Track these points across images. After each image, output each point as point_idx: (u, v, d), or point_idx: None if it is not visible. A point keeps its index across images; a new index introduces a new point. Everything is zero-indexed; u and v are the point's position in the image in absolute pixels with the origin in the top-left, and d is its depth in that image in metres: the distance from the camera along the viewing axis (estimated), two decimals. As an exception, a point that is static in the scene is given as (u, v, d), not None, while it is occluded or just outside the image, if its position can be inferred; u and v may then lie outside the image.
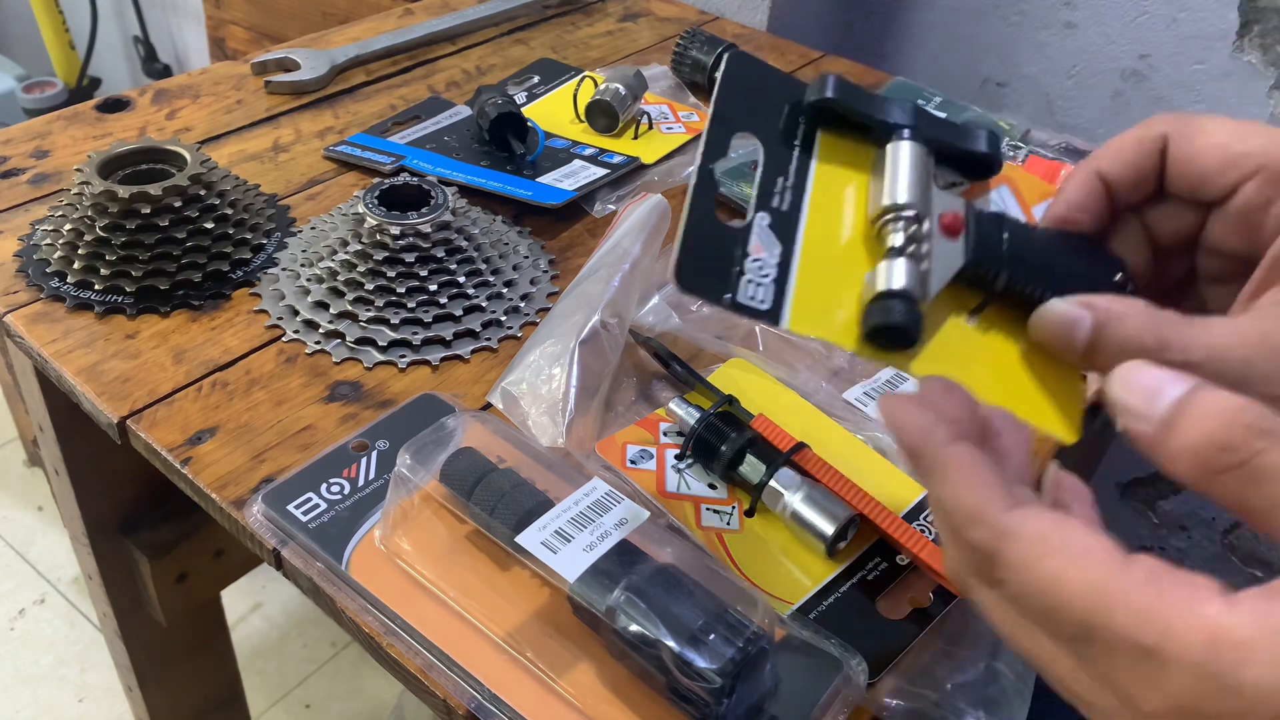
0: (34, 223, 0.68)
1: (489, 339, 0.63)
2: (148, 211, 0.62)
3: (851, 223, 0.36)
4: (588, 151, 0.80)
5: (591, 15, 1.05)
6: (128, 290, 0.63)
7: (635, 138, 0.83)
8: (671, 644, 0.42)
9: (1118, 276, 0.36)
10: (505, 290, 0.65)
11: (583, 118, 0.84)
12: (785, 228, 0.35)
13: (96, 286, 0.63)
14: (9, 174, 0.74)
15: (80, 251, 0.63)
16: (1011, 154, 0.74)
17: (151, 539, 0.81)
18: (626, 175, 0.78)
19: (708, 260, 0.33)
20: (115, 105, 0.83)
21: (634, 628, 0.43)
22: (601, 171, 0.77)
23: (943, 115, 0.38)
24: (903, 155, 0.35)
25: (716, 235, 0.34)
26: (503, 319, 0.64)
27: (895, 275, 0.33)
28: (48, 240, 0.65)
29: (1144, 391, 0.27)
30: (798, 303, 0.34)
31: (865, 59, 1.00)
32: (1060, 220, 0.36)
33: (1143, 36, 0.95)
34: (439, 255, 0.63)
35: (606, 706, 0.43)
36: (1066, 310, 0.32)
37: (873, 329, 0.33)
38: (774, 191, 0.36)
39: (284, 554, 0.49)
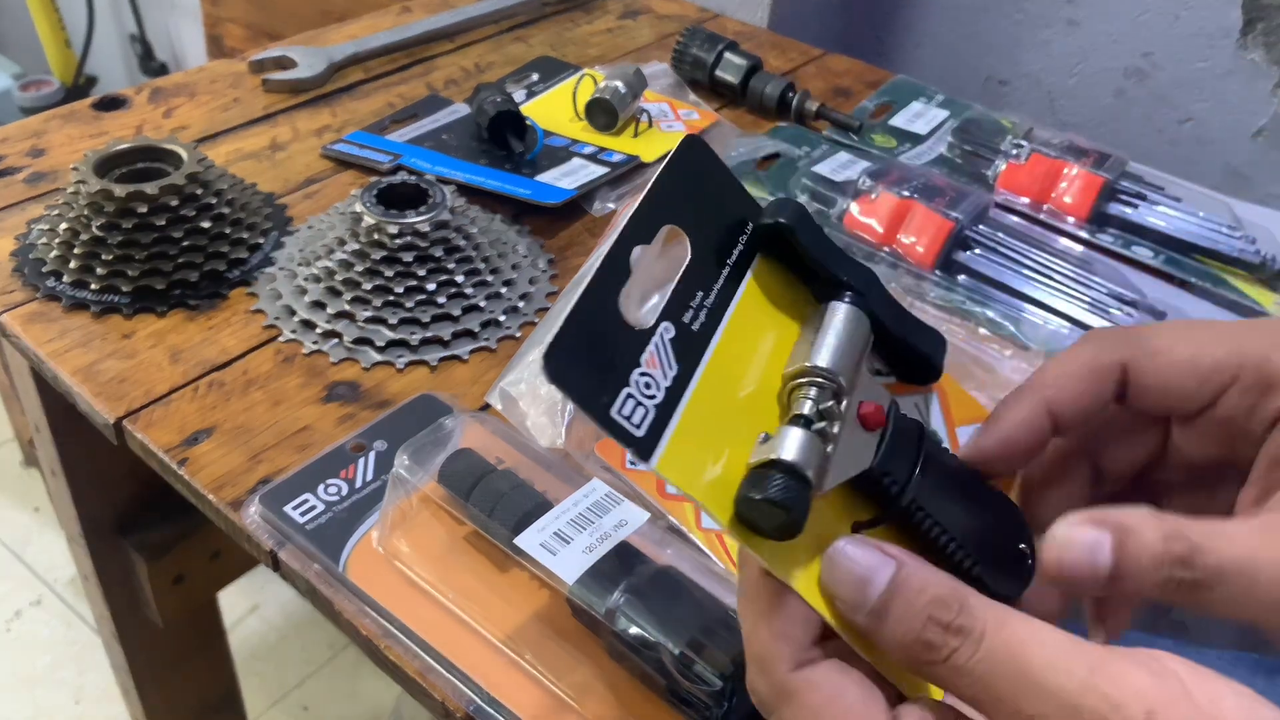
0: (30, 222, 0.68)
1: (487, 339, 0.62)
2: (144, 210, 0.62)
3: (761, 372, 0.31)
4: (587, 150, 0.80)
5: (591, 12, 1.05)
6: (124, 290, 0.62)
7: (635, 136, 0.82)
8: (671, 646, 0.42)
9: (1022, 545, 0.31)
10: (504, 290, 0.65)
11: (582, 116, 0.84)
12: (689, 350, 0.29)
13: (93, 286, 0.62)
14: (5, 173, 0.73)
15: (76, 251, 0.63)
16: (1014, 152, 0.74)
17: (148, 540, 0.81)
18: (626, 174, 0.78)
19: (591, 355, 0.27)
20: (112, 103, 0.83)
21: (634, 630, 0.43)
22: (601, 170, 0.77)
23: (895, 302, 0.33)
24: (842, 319, 0.31)
25: (611, 330, 0.28)
26: (501, 319, 0.63)
27: (795, 447, 0.28)
28: (44, 239, 0.65)
29: (854, 581, 0.26)
30: (675, 443, 0.28)
31: (866, 56, 1.00)
32: (990, 456, 0.32)
33: (1145, 34, 0.95)
34: (437, 254, 0.62)
35: (606, 709, 0.43)
36: (1084, 535, 0.26)
37: (749, 501, 0.27)
38: (689, 304, 0.30)
39: (281, 555, 0.49)
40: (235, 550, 0.86)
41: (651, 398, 0.28)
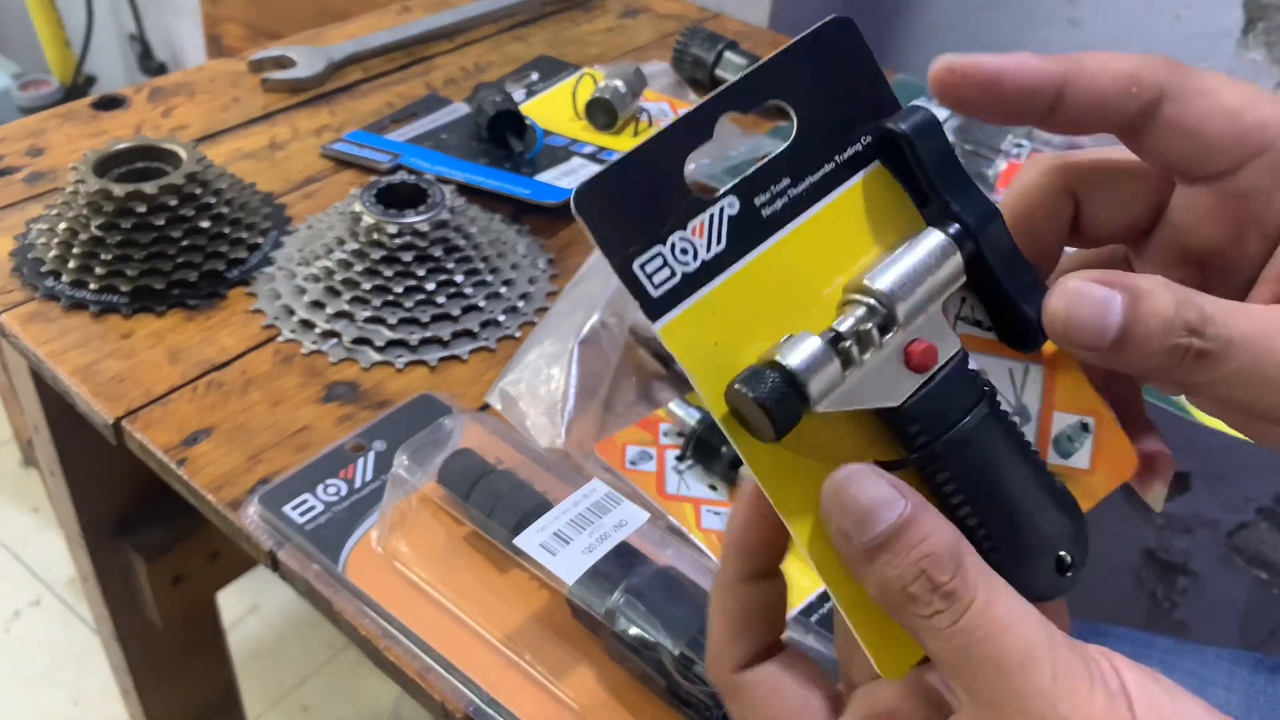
0: (29, 221, 0.68)
1: (487, 339, 0.62)
2: (143, 210, 0.62)
3: (822, 275, 0.28)
4: (587, 149, 0.80)
5: (591, 12, 1.05)
6: (123, 290, 0.62)
7: (635, 135, 0.82)
8: (671, 646, 0.42)
9: (1064, 554, 0.28)
10: (503, 290, 0.64)
11: (582, 115, 0.83)
12: (748, 233, 0.27)
13: (92, 286, 0.62)
14: (4, 172, 0.73)
15: (75, 250, 0.62)
16: (1015, 151, 0.74)
17: (147, 540, 0.81)
18: (626, 173, 0.78)
19: (632, 202, 0.26)
20: (111, 103, 0.82)
21: (633, 630, 0.43)
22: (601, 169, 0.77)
23: (1017, 253, 0.29)
24: (925, 248, 0.28)
25: (665, 185, 0.27)
26: (501, 319, 0.63)
27: (801, 353, 0.26)
28: (43, 239, 0.65)
29: (858, 511, 0.25)
30: (691, 315, 0.27)
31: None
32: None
33: (1146, 34, 0.95)
34: (436, 254, 0.62)
35: (605, 710, 0.43)
36: (1096, 290, 0.25)
37: (733, 392, 0.26)
38: (769, 187, 0.28)
39: (280, 556, 0.49)
40: (234, 551, 0.86)
41: (684, 265, 0.27)
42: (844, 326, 0.27)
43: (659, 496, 0.53)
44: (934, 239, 0.28)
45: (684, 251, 0.27)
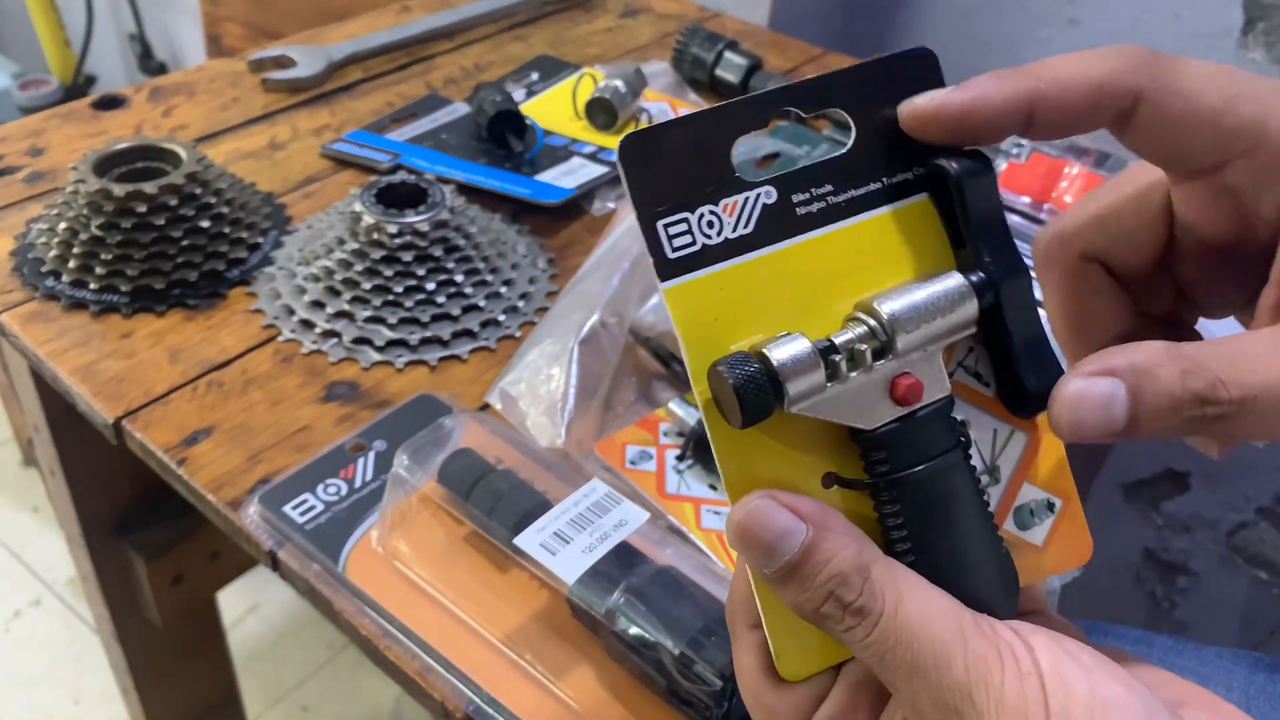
0: (29, 221, 0.68)
1: (487, 339, 0.62)
2: (143, 210, 0.62)
3: (838, 287, 0.28)
4: (587, 149, 0.80)
5: (591, 11, 1.05)
6: (123, 289, 0.62)
7: (635, 135, 0.82)
8: (671, 646, 0.42)
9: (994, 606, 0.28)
10: (503, 289, 0.64)
11: (582, 115, 0.83)
12: (777, 226, 0.28)
13: (92, 286, 0.62)
14: (4, 172, 0.73)
15: (75, 250, 0.62)
16: (1015, 151, 0.73)
17: (147, 540, 0.80)
18: (626, 173, 0.78)
19: (675, 162, 0.26)
20: (111, 103, 0.82)
21: (633, 630, 0.43)
22: (601, 169, 0.77)
23: (1036, 319, 0.28)
24: (943, 288, 0.27)
25: (711, 155, 0.27)
26: (501, 318, 0.63)
27: (789, 351, 0.26)
28: (43, 239, 0.65)
29: (764, 543, 0.26)
30: (700, 285, 0.27)
31: (866, 55, 1.00)
32: (941, 109, 0.28)
33: (1146, 33, 0.95)
34: (436, 254, 0.62)
35: (605, 709, 0.43)
36: (1095, 390, 0.25)
37: (713, 370, 0.26)
38: (809, 189, 0.28)
39: (280, 555, 0.49)
40: (234, 550, 0.86)
41: (707, 237, 0.27)
42: (839, 339, 0.27)
43: (659, 496, 0.53)
44: (954, 281, 0.27)
45: (710, 225, 0.27)
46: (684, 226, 0.27)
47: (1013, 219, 0.72)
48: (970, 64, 1.08)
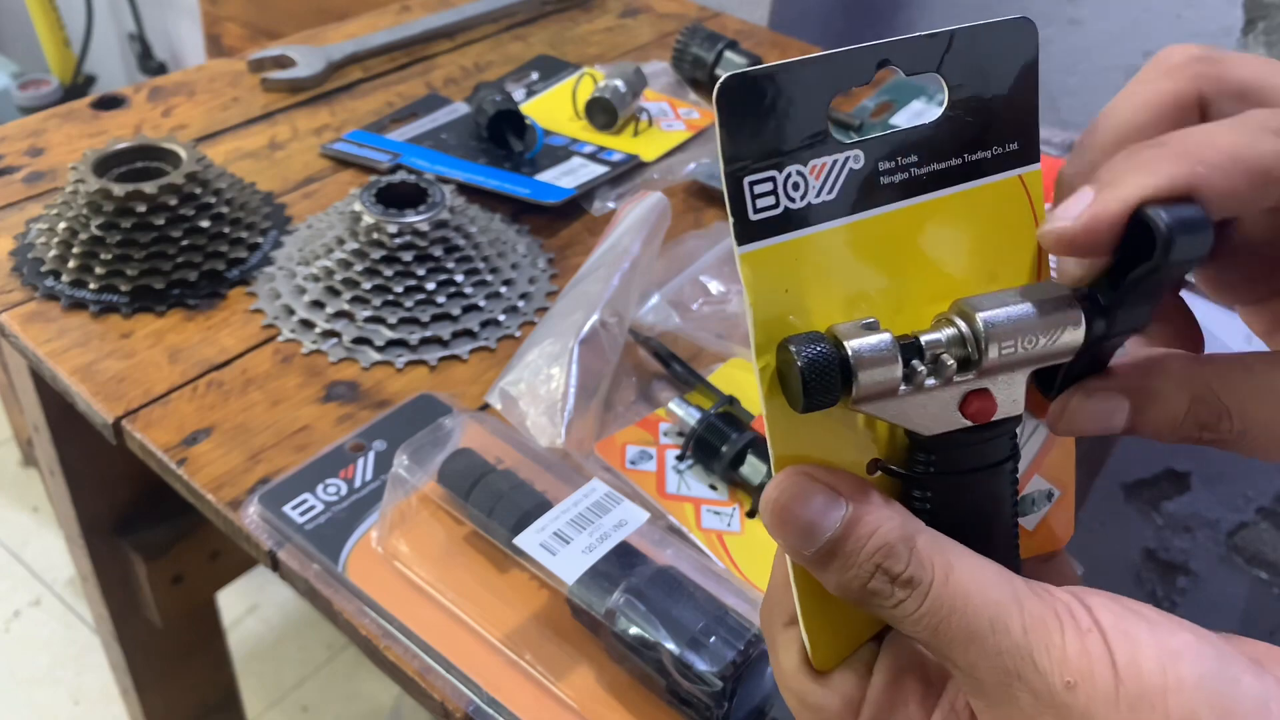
0: (29, 221, 0.68)
1: (487, 338, 0.62)
2: (143, 210, 0.62)
3: (915, 266, 0.27)
4: (587, 149, 0.80)
5: (591, 11, 1.05)
6: (123, 289, 0.62)
7: (635, 135, 0.82)
8: (671, 647, 0.42)
9: None
10: (503, 289, 0.64)
11: (582, 115, 0.83)
12: (863, 194, 0.26)
13: (91, 285, 0.62)
14: (3, 172, 0.73)
15: (75, 250, 0.62)
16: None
17: (147, 540, 0.80)
18: (626, 173, 0.78)
19: (772, 111, 0.25)
20: (110, 103, 0.82)
21: (633, 630, 0.43)
22: (601, 169, 0.77)
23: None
24: (1058, 314, 0.25)
25: (808, 106, 0.25)
26: (501, 318, 0.63)
27: (867, 348, 0.24)
28: (42, 239, 0.65)
29: (801, 523, 0.25)
30: (777, 252, 0.25)
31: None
32: (1072, 239, 0.24)
33: (1147, 33, 0.95)
34: (436, 254, 0.62)
35: (605, 710, 0.43)
36: (1098, 406, 0.25)
37: (784, 349, 0.25)
38: (896, 157, 0.26)
39: (280, 555, 0.49)
40: (234, 550, 0.86)
41: (790, 200, 0.25)
42: (926, 339, 0.25)
43: (659, 496, 0.53)
44: (1064, 299, 0.25)
45: (795, 187, 0.25)
46: (769, 186, 0.25)
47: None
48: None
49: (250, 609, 1.38)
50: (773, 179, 0.25)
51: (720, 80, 0.24)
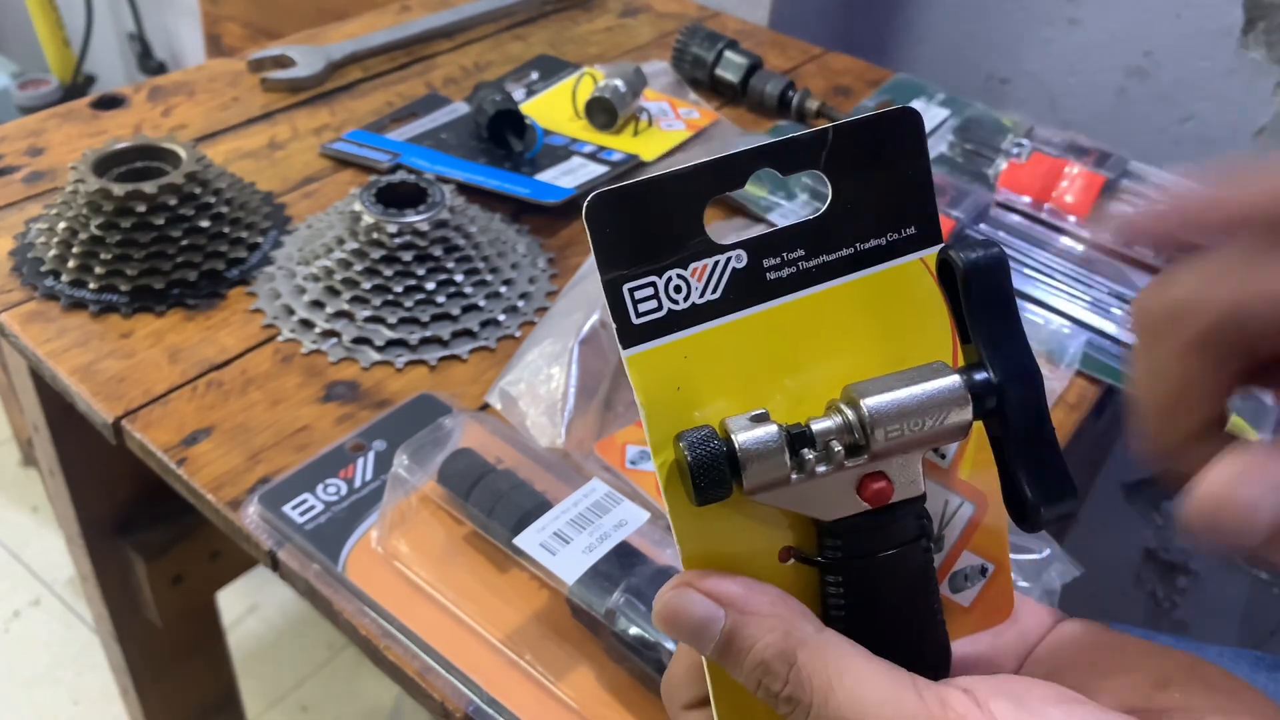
0: (28, 221, 0.68)
1: (487, 338, 0.62)
2: (143, 210, 0.62)
3: (806, 354, 0.27)
4: (587, 149, 0.80)
5: (591, 11, 1.05)
6: (123, 289, 0.62)
7: (635, 135, 0.82)
8: (671, 647, 0.42)
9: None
10: (503, 289, 0.64)
11: (582, 114, 0.83)
12: (748, 292, 0.26)
13: (91, 285, 0.62)
14: (3, 172, 0.73)
15: (75, 250, 0.62)
16: (1015, 150, 0.73)
17: (147, 540, 0.80)
18: (626, 173, 0.78)
19: (642, 223, 0.26)
20: (110, 102, 0.82)
21: (634, 630, 0.43)
22: (601, 169, 0.77)
23: (1045, 425, 0.27)
24: (941, 393, 0.25)
25: (680, 217, 0.26)
26: (501, 318, 0.63)
27: (754, 440, 0.25)
28: (42, 239, 0.65)
29: (690, 627, 0.26)
30: (664, 352, 0.26)
31: (867, 55, 1.00)
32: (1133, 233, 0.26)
33: (1147, 33, 0.95)
34: (436, 254, 0.62)
35: (605, 710, 0.43)
36: (1243, 496, 0.24)
37: (676, 446, 0.26)
38: (782, 253, 0.27)
39: (280, 555, 0.49)
40: (234, 550, 0.86)
41: (673, 302, 0.26)
42: (817, 427, 0.25)
43: (659, 496, 0.53)
44: (949, 382, 0.25)
45: (678, 289, 0.26)
46: (650, 290, 0.26)
47: (1013, 218, 0.72)
48: (970, 63, 1.08)
49: (250, 609, 1.38)
50: (653, 284, 0.26)
51: (587, 201, 0.25)
